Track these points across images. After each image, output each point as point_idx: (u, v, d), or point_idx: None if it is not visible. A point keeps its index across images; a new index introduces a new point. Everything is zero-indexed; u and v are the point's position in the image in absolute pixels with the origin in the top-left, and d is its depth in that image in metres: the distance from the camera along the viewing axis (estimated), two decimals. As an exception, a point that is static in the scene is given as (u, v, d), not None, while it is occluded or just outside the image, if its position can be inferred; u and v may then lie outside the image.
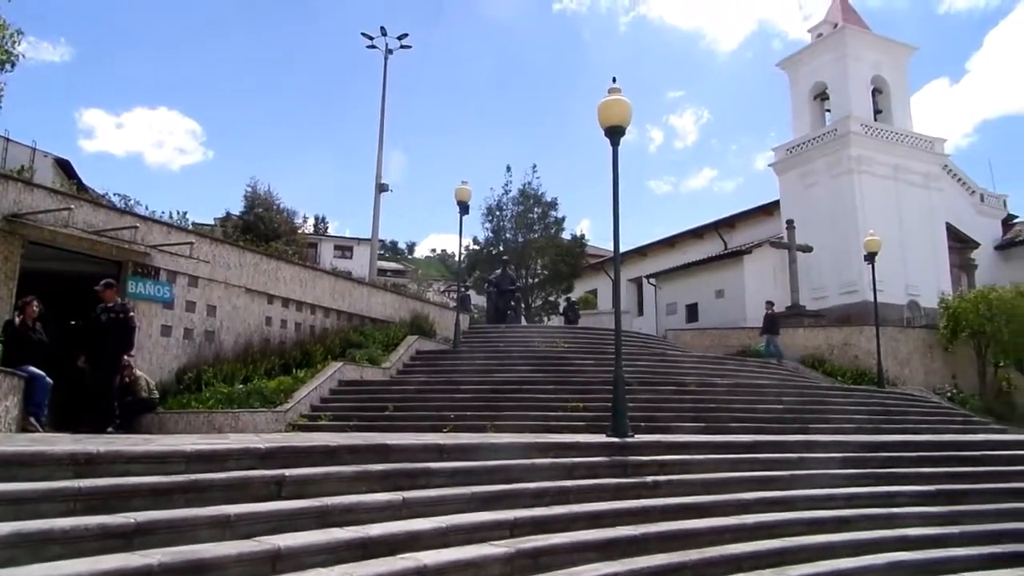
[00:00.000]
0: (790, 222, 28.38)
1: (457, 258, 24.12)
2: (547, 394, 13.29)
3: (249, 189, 29.25)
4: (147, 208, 17.84)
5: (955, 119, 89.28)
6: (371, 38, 27.96)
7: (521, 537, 5.96)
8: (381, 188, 27.59)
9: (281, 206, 29.98)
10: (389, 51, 28.11)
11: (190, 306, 13.76)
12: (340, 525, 5.24)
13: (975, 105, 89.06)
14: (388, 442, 6.85)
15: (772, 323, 22.64)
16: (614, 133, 9.66)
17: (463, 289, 27.62)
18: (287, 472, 5.59)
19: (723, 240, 37.23)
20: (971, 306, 22.96)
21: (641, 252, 43.18)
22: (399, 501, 5.80)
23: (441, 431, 10.97)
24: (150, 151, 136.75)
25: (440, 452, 7.03)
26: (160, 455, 5.21)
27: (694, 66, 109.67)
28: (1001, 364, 23.22)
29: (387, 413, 12.39)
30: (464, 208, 18.31)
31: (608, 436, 8.90)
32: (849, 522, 7.91)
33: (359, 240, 53.40)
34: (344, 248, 55.75)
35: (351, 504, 5.51)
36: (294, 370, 13.95)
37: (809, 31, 35.42)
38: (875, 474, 9.03)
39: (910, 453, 10.02)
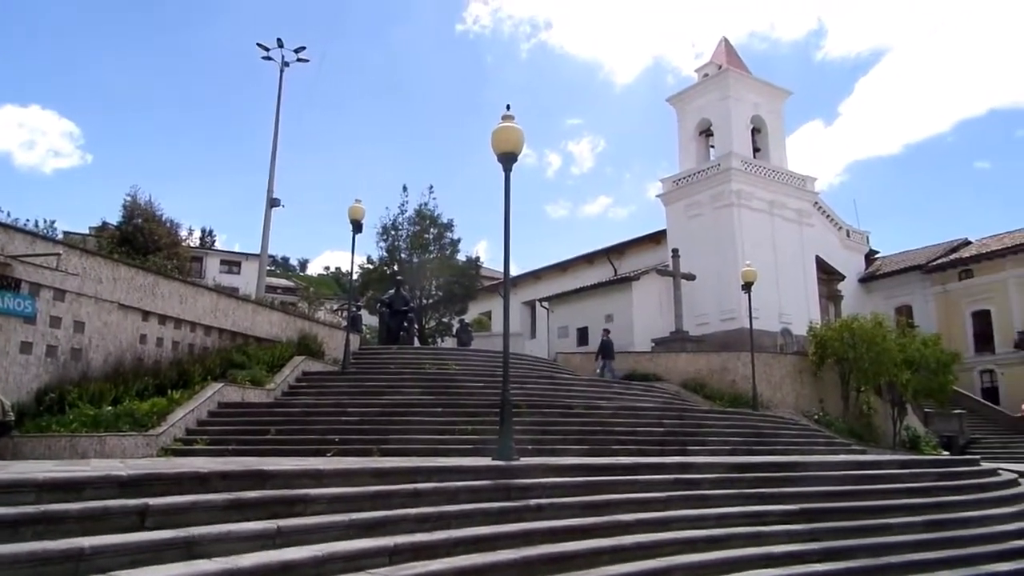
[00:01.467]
0: (675, 251, 29.61)
1: (349, 277, 23.69)
2: (436, 417, 13.24)
3: (129, 198, 27.67)
4: (8, 215, 16.61)
5: (828, 159, 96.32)
6: (267, 49, 27.32)
7: (401, 564, 5.88)
8: (273, 203, 26.83)
9: (163, 217, 28.51)
10: (285, 63, 27.54)
11: (55, 322, 12.85)
12: (209, 556, 5.01)
13: (846, 147, 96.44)
14: (265, 468, 6.62)
15: (607, 349, 24.02)
16: (507, 159, 9.85)
17: (355, 309, 27.17)
18: (151, 501, 5.30)
19: (613, 266, 38.40)
20: (836, 334, 24.65)
21: (535, 276, 43.88)
22: (274, 530, 5.61)
23: (325, 455, 10.71)
24: (19, 152, 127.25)
25: (320, 477, 6.86)
26: (8, 484, 4.83)
27: (592, 95, 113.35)
28: (862, 389, 24.95)
29: (269, 437, 11.98)
30: (357, 227, 18.08)
31: (494, 459, 8.95)
32: (720, 541, 8.25)
33: (248, 255, 51.58)
34: (231, 263, 53.65)
35: (221, 534, 5.28)
36: (170, 391, 13.25)
37: (696, 71, 37.32)
38: (745, 494, 9.46)
39: (778, 473, 10.57)
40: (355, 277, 30.34)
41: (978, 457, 16.57)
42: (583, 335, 33.59)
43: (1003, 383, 35.23)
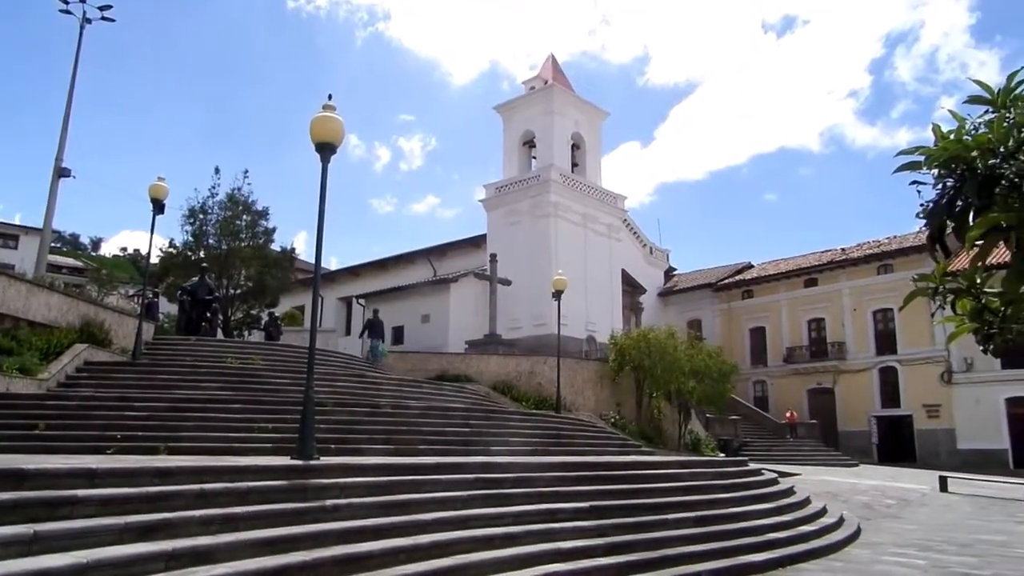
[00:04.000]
0: (493, 256, 30.32)
1: (147, 260, 21.86)
2: (234, 413, 12.55)
3: None
4: None
5: (641, 179, 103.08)
6: (66, 2, 24.54)
7: (179, 570, 5.53)
8: (61, 172, 24.11)
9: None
10: (87, 20, 24.85)
11: None
12: (-56, 567, 4.42)
13: (657, 169, 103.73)
14: (25, 466, 5.94)
15: (375, 328, 25.75)
16: (325, 150, 9.59)
17: (151, 295, 25.11)
18: None
19: (433, 267, 38.61)
20: (634, 343, 26.44)
21: (354, 272, 43.06)
22: (29, 535, 5.05)
23: (104, 453, 9.80)
24: None
25: (92, 477, 6.27)
26: None
27: (427, 93, 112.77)
28: (654, 394, 26.94)
29: (37, 432, 10.74)
30: (159, 207, 16.75)
31: (293, 459, 8.66)
32: (516, 538, 8.53)
33: (28, 229, 46.06)
34: (7, 236, 47.70)
35: (-39, 541, 4.68)
36: (-88, 379, 11.51)
37: (524, 83, 38.49)
38: (541, 492, 9.87)
39: (572, 473, 11.13)
40: (154, 261, 28.07)
41: (747, 459, 18.45)
42: (398, 334, 33.44)
43: (772, 392, 39.59)
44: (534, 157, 36.76)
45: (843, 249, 39.79)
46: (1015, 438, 31.07)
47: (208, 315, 23.63)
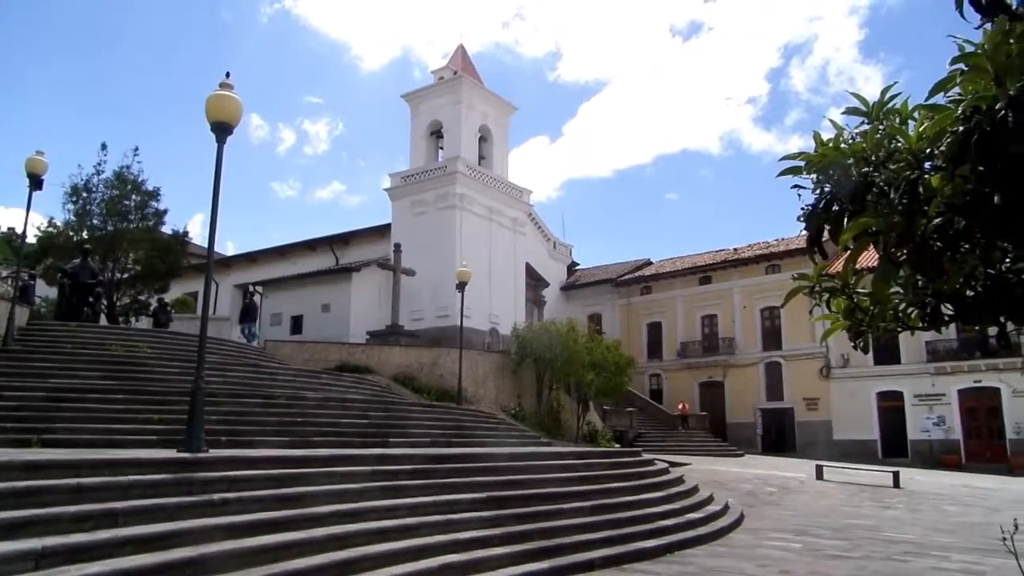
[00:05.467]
0: (397, 246, 29.99)
1: (22, 240, 20.33)
2: (117, 404, 11.90)
3: None
4: None
5: (549, 174, 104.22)
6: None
7: (50, 569, 5.20)
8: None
9: None
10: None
11: None
12: None
13: (565, 164, 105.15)
14: None
15: (250, 311, 26.55)
16: (221, 130, 9.20)
17: (27, 277, 23.41)
18: None
19: (336, 255, 37.80)
20: (536, 336, 26.79)
21: (251, 258, 41.63)
22: None
23: (-35, 446, 9.08)
24: None
25: (-50, 473, 5.81)
26: None
27: (336, 77, 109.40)
28: (554, 387, 27.40)
29: None
30: (36, 183, 15.60)
31: (179, 452, 8.29)
32: (413, 529, 8.50)
33: None
34: None
35: None
36: None
37: (433, 72, 38.16)
38: (440, 484, 9.86)
39: (471, 464, 11.18)
40: (31, 240, 26.17)
41: (641, 449, 19.05)
42: (297, 323, 32.58)
43: (666, 385, 41.03)
44: (441, 148, 36.55)
45: (735, 249, 41.60)
46: (884, 429, 33.45)
47: (91, 300, 22.24)
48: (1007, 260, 2.67)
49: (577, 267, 47.34)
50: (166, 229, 31.22)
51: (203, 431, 8.62)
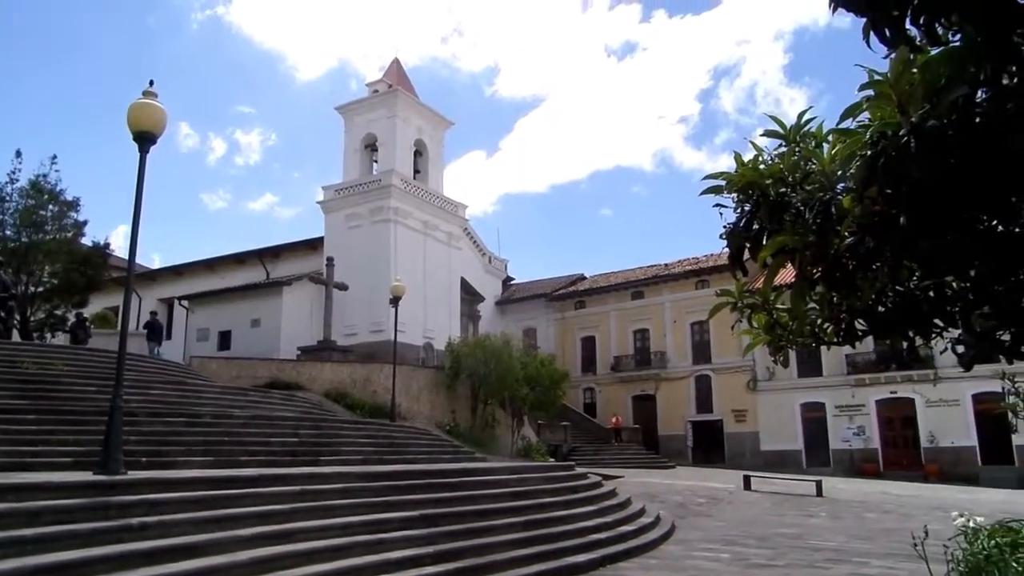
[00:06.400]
0: (330, 259, 29.53)
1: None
2: (29, 425, 11.28)
3: None
4: None
5: (485, 188, 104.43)
6: None
7: (-52, 603, 4.88)
8: None
9: None
10: None
11: None
12: None
13: (501, 179, 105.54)
14: None
15: (154, 330, 26.19)
16: (143, 139, 8.92)
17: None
18: None
19: (266, 269, 36.96)
20: (471, 351, 26.74)
21: (177, 271, 40.35)
22: None
23: None
24: None
25: None
26: None
27: (270, 86, 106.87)
28: (489, 401, 27.36)
29: None
30: (-59, 192, 14.80)
31: (95, 474, 7.93)
32: (342, 550, 8.31)
33: None
34: None
35: None
36: None
37: (368, 85, 37.91)
38: (371, 503, 9.69)
39: (403, 482, 11.02)
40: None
41: (574, 463, 19.16)
42: (225, 339, 31.68)
43: (600, 399, 41.46)
44: (376, 161, 36.27)
45: (666, 265, 42.50)
46: (807, 439, 34.58)
47: (2, 314, 21.14)
48: (914, 278, 2.81)
49: (512, 282, 47.52)
50: (86, 241, 29.97)
51: (121, 452, 8.27)
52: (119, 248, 35.44)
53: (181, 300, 34.67)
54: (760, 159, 2.90)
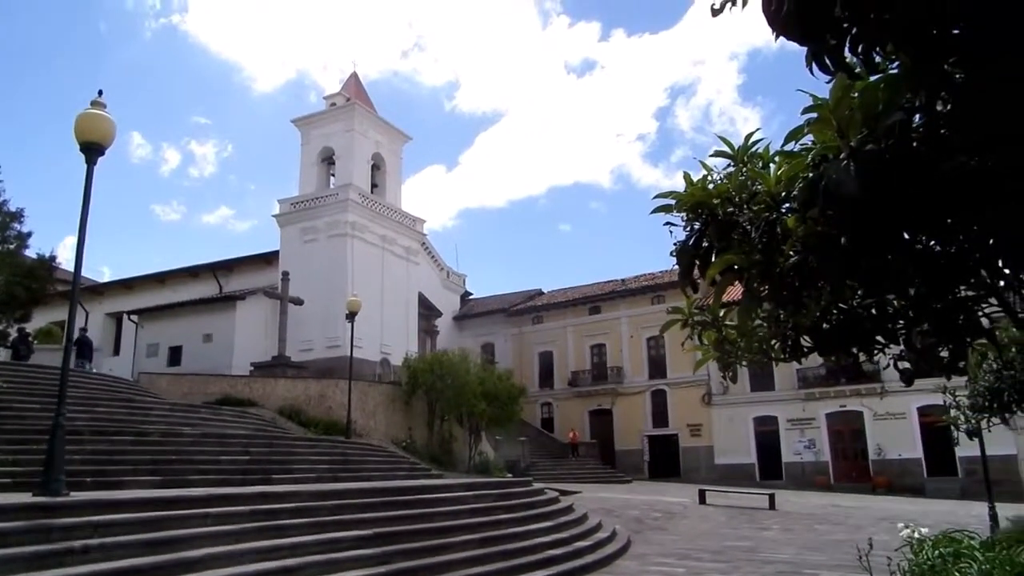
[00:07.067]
0: (286, 274, 29.11)
1: None
2: (-36, 445, 10.85)
3: None
4: None
5: (445, 203, 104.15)
6: None
7: None
8: None
9: None
10: None
11: None
12: None
13: (461, 194, 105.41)
14: None
15: (84, 347, 25.23)
16: (91, 150, 8.71)
17: None
18: None
19: (219, 283, 36.27)
20: (428, 366, 26.56)
21: (126, 285, 39.34)
22: None
23: None
24: None
25: None
26: None
27: (226, 97, 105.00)
28: (446, 417, 27.18)
29: None
30: None
31: (35, 495, 7.65)
32: (293, 571, 8.15)
33: None
34: None
35: None
36: None
37: (325, 98, 37.65)
38: (323, 522, 9.52)
39: (357, 500, 10.88)
40: None
41: (531, 478, 19.14)
42: (175, 355, 30.93)
43: (558, 414, 41.54)
44: (333, 175, 35.97)
45: (623, 280, 42.91)
46: (760, 453, 35.11)
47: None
48: (857, 296, 2.89)
49: (470, 297, 47.45)
50: (31, 253, 29.00)
51: (64, 472, 8.01)
52: (66, 261, 34.36)
53: (130, 315, 33.76)
54: (709, 179, 2.96)
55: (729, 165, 2.99)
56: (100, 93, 9.03)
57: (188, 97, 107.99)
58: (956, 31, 1.97)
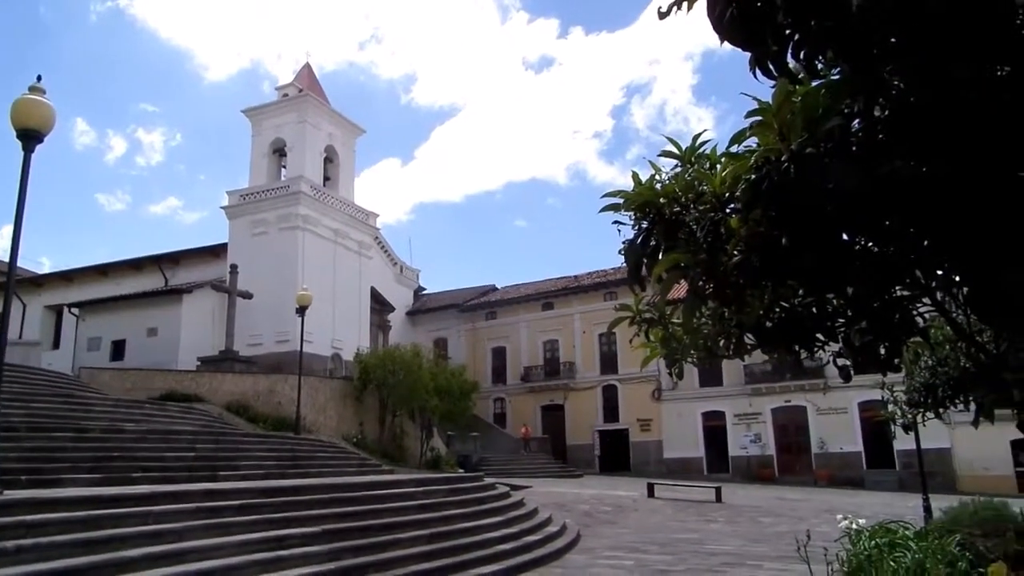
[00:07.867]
0: (234, 267, 28.55)
1: None
2: None
3: None
4: None
5: (400, 197, 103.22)
6: None
7: None
8: None
9: None
10: None
11: None
12: None
13: (416, 188, 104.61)
14: None
15: None
16: (28, 137, 8.41)
17: None
18: None
19: (165, 276, 35.41)
20: (380, 361, 26.35)
21: (67, 277, 38.11)
22: None
23: None
24: None
25: None
26: None
27: (176, 85, 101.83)
28: (398, 413, 27.01)
29: None
30: None
31: (-34, 495, 7.36)
32: (237, 569, 8.01)
33: None
34: None
35: None
36: None
37: (278, 89, 36.98)
38: (270, 519, 9.37)
39: (306, 496, 10.74)
40: None
41: (483, 474, 19.15)
42: (119, 349, 30.09)
43: (510, 409, 41.66)
44: (284, 167, 35.39)
45: (576, 277, 43.22)
46: (708, 447, 35.81)
47: None
48: (798, 295, 2.97)
49: (424, 292, 47.21)
50: (-38, 243, 27.94)
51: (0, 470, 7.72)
52: (3, 251, 33.21)
53: (71, 307, 32.73)
54: (657, 179, 2.99)
55: (677, 165, 3.03)
56: (39, 78, 8.73)
57: (135, 84, 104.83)
58: (894, 40, 2.04)
